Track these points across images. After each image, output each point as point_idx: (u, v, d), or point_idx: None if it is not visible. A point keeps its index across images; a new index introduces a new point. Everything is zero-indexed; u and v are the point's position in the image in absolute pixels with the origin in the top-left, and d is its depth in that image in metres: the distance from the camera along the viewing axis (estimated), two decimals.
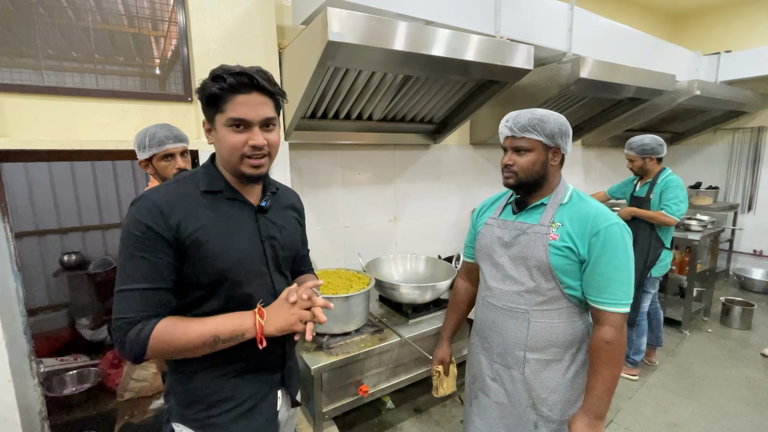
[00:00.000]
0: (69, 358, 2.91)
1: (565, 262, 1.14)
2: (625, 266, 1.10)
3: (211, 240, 0.90)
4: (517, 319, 1.22)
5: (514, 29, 2.46)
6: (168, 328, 0.86)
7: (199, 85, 0.90)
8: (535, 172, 1.20)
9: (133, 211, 0.88)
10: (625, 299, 1.11)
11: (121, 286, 0.86)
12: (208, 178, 0.95)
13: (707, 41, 4.73)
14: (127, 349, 0.85)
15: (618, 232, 1.11)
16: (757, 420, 2.34)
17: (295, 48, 1.98)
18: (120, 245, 0.88)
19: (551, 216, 1.18)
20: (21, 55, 1.68)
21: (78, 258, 3.57)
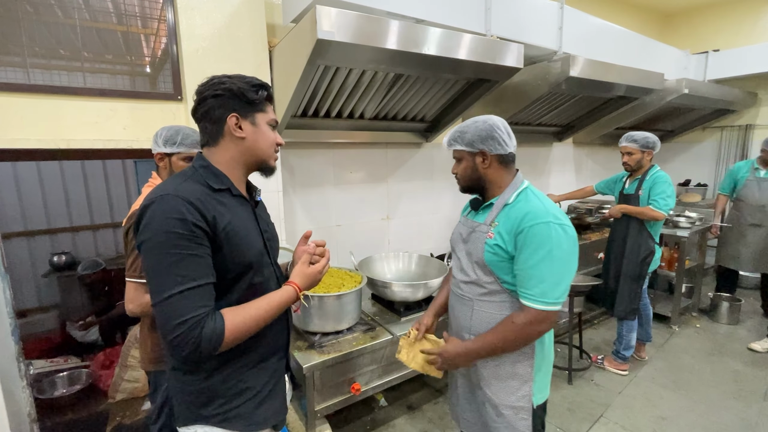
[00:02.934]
0: (59, 359, 2.88)
1: (496, 258, 1.21)
2: (545, 263, 1.11)
3: (237, 233, 0.95)
4: (464, 305, 1.33)
5: (505, 28, 2.47)
6: (233, 317, 0.89)
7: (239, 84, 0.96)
8: (470, 177, 1.30)
9: (164, 212, 0.85)
10: (542, 297, 1.12)
11: (176, 288, 0.84)
12: (213, 177, 0.97)
13: (696, 40, 4.78)
14: (204, 346, 0.85)
15: (543, 230, 1.12)
16: (744, 413, 2.38)
17: (285, 46, 1.98)
18: (154, 250, 0.85)
19: (494, 216, 1.25)
20: (6, 53, 1.66)
21: (68, 259, 3.53)
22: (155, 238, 0.84)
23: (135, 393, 2.53)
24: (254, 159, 1.03)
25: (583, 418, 2.34)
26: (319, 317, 1.96)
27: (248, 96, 0.97)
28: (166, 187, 0.91)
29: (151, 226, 0.85)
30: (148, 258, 0.86)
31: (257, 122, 1.01)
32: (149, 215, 0.86)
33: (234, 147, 1.00)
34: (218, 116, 0.97)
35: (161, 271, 0.84)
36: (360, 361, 2.01)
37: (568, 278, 1.16)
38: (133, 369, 2.51)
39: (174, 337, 0.83)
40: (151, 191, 0.92)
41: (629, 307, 2.68)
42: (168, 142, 1.49)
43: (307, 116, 2.36)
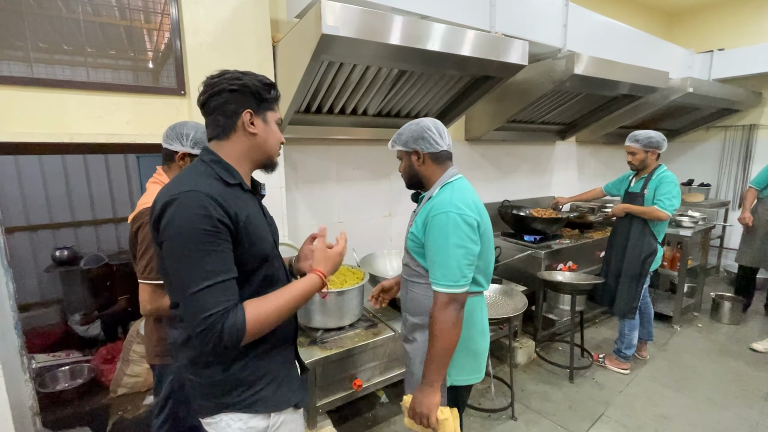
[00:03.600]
0: (61, 354, 2.89)
1: (414, 245, 1.36)
2: (442, 250, 1.22)
3: (255, 227, 0.97)
4: (404, 286, 1.48)
5: (509, 25, 2.46)
6: (254, 309, 0.91)
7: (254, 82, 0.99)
8: (409, 174, 1.43)
9: (189, 207, 0.86)
10: (443, 280, 1.22)
11: (203, 283, 0.85)
12: (226, 172, 0.98)
13: (700, 39, 4.76)
14: (227, 339, 0.86)
15: (442, 220, 1.23)
16: (745, 412, 2.38)
17: (289, 41, 1.97)
18: (180, 245, 0.86)
19: (420, 208, 1.38)
20: (9, 47, 1.65)
21: (70, 253, 3.55)
22: (181, 234, 0.85)
23: (136, 387, 2.54)
24: (262, 155, 1.05)
25: (584, 417, 2.34)
26: (322, 313, 1.96)
27: (263, 94, 1.01)
28: (185, 182, 0.91)
29: (175, 223, 0.86)
30: (172, 254, 0.87)
31: (268, 120, 1.04)
32: (173, 212, 0.86)
33: (245, 142, 1.01)
34: (233, 110, 0.98)
35: (187, 266, 0.86)
36: (362, 357, 2.01)
37: (466, 261, 1.22)
38: (135, 364, 2.52)
39: (201, 331, 0.85)
40: (169, 187, 0.92)
41: (629, 306, 2.68)
42: (198, 144, 1.47)
43: (310, 112, 2.36)
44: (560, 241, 3.18)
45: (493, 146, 3.59)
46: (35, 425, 1.85)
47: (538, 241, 3.13)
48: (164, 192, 0.91)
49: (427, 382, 1.25)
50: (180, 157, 1.47)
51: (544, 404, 2.45)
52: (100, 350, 2.85)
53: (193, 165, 1.00)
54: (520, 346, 2.87)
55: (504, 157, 3.71)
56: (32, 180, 3.66)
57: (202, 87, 1.01)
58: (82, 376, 2.66)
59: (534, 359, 2.94)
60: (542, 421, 2.30)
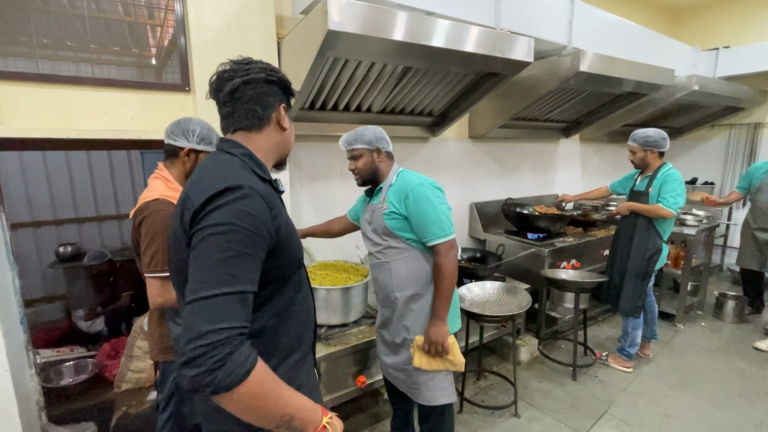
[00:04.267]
0: (66, 349, 2.90)
1: (395, 222, 1.56)
2: (431, 211, 1.50)
3: (291, 230, 0.91)
4: (383, 270, 1.63)
5: (515, 21, 2.45)
6: (265, 371, 0.74)
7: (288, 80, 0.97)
8: (369, 169, 1.62)
9: (244, 204, 0.77)
10: (440, 232, 1.50)
11: (223, 288, 0.72)
12: (260, 167, 0.91)
13: (706, 36, 4.73)
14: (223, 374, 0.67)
15: (420, 191, 1.51)
16: (748, 411, 2.37)
17: (294, 38, 1.97)
18: (219, 239, 0.74)
19: (384, 194, 1.61)
20: (15, 43, 1.65)
21: (74, 249, 3.55)
22: (220, 227, 0.74)
23: (140, 383, 2.55)
24: (284, 152, 1.02)
25: (587, 415, 2.34)
26: (326, 310, 1.96)
27: (292, 90, 1.00)
28: (232, 176, 0.81)
29: (218, 215, 0.75)
30: (201, 246, 0.75)
31: (291, 117, 1.03)
32: (219, 203, 0.76)
33: (275, 136, 0.97)
34: (270, 102, 0.94)
35: (213, 264, 0.73)
36: (366, 354, 2.01)
37: (449, 213, 1.55)
38: (139, 359, 2.53)
39: (199, 346, 0.67)
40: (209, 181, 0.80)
41: (633, 305, 2.67)
42: (205, 140, 1.48)
43: (315, 109, 2.35)
44: (564, 239, 3.17)
45: (496, 144, 3.58)
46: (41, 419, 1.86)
47: (542, 239, 3.12)
48: (203, 185, 0.79)
49: (439, 317, 1.53)
50: (185, 153, 1.47)
51: (547, 402, 2.45)
52: (104, 346, 2.86)
53: (223, 157, 0.89)
54: (524, 344, 2.87)
55: (508, 155, 3.70)
56: (36, 176, 3.67)
57: (227, 71, 0.90)
58: (87, 371, 2.67)
59: (537, 357, 2.94)
60: (545, 419, 2.30)
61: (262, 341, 0.85)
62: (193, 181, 0.86)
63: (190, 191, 0.82)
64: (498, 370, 2.72)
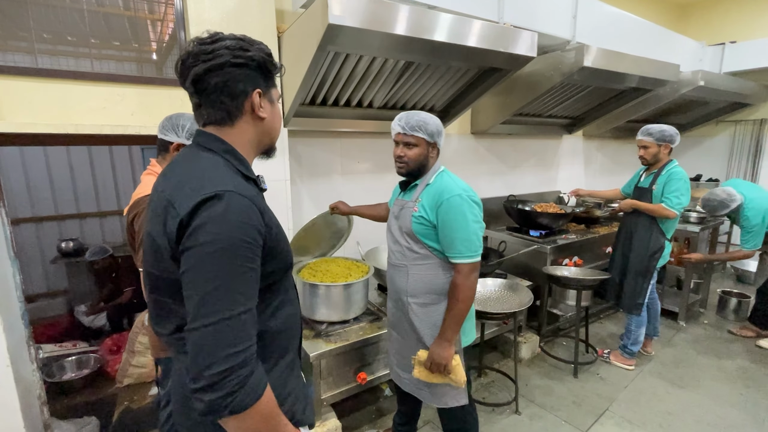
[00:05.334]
0: (68, 344, 2.92)
1: (422, 228, 1.47)
2: (462, 228, 1.39)
3: (280, 231, 0.84)
4: (401, 272, 1.56)
5: (518, 16, 2.42)
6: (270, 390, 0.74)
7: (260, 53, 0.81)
8: (420, 162, 1.51)
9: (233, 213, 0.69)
10: (467, 252, 1.41)
11: (237, 309, 0.68)
12: (242, 165, 0.82)
13: (712, 31, 4.67)
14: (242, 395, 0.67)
15: (456, 202, 1.39)
16: (751, 410, 2.36)
17: (295, 32, 1.95)
18: (217, 256, 0.67)
19: (418, 194, 1.51)
20: (14, 38, 1.64)
21: (76, 245, 3.56)
22: (218, 243, 0.67)
23: (142, 378, 2.56)
24: (267, 141, 0.90)
25: (588, 412, 2.33)
26: (327, 306, 1.96)
27: (269, 68, 0.83)
28: (220, 179, 0.73)
29: (211, 229, 0.68)
30: (202, 267, 0.68)
31: (273, 99, 0.87)
32: (209, 215, 0.68)
33: (252, 128, 0.84)
34: (240, 90, 0.79)
35: (218, 285, 0.67)
36: (366, 350, 2.01)
37: (481, 233, 1.45)
38: (141, 354, 2.54)
39: (222, 370, 0.65)
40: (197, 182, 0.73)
41: (634, 302, 2.65)
42: (190, 133, 1.46)
43: (315, 104, 2.34)
44: (566, 236, 3.16)
45: (499, 140, 3.55)
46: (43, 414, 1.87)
47: (544, 235, 3.10)
48: (188, 189, 0.71)
49: (446, 339, 1.44)
50: (174, 148, 1.48)
51: (548, 399, 2.45)
52: (106, 341, 2.87)
53: (203, 156, 0.80)
54: (525, 341, 2.86)
55: (510, 151, 3.68)
56: (38, 171, 3.68)
57: (189, 56, 0.77)
58: (89, 366, 2.68)
59: (538, 354, 2.94)
60: (546, 416, 2.30)
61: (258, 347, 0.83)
62: (175, 184, 0.76)
63: (173, 197, 0.73)
64: (499, 367, 2.72)
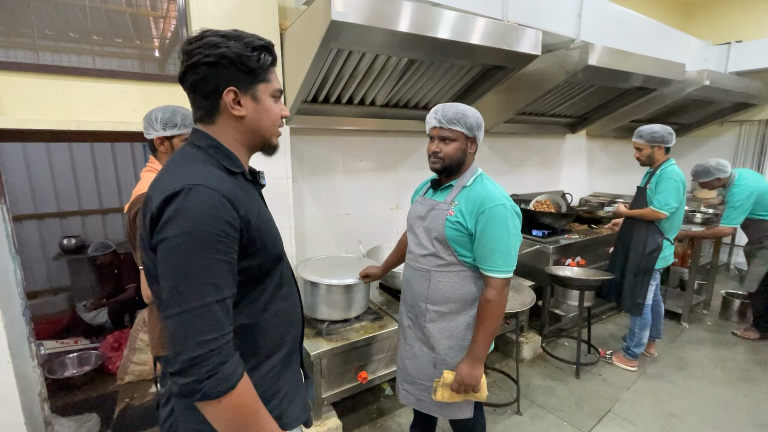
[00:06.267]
0: (69, 341, 2.92)
1: (456, 234, 1.35)
2: (504, 240, 1.30)
3: (266, 225, 0.85)
4: (422, 276, 1.46)
5: (522, 14, 2.40)
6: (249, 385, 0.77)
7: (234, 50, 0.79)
8: (458, 159, 1.39)
9: (197, 206, 0.72)
10: (504, 267, 1.32)
11: (207, 298, 0.71)
12: (227, 159, 0.84)
13: (717, 30, 4.63)
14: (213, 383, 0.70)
15: (501, 212, 1.30)
16: (755, 412, 2.34)
17: (297, 29, 1.94)
18: (183, 249, 0.70)
19: (454, 196, 1.39)
20: (16, 34, 1.63)
21: (78, 242, 3.56)
22: (186, 236, 0.70)
23: (143, 375, 2.56)
24: (256, 140, 0.89)
25: (590, 413, 2.32)
26: (328, 305, 1.95)
27: (249, 64, 0.80)
28: (189, 174, 0.76)
29: (180, 222, 0.71)
30: (170, 259, 0.71)
31: (259, 96, 0.84)
32: (176, 208, 0.71)
33: (233, 126, 0.84)
34: (212, 89, 0.80)
35: (187, 276, 0.70)
36: (367, 350, 2.00)
37: (518, 246, 1.37)
38: (142, 352, 2.54)
39: (193, 357, 0.69)
40: (167, 180, 0.76)
41: (634, 301, 2.63)
42: (168, 124, 1.44)
43: (318, 102, 2.32)
44: (569, 236, 3.14)
45: (501, 139, 3.53)
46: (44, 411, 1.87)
47: (547, 235, 3.09)
48: (162, 185, 0.75)
49: (478, 358, 1.35)
50: (159, 143, 1.46)
51: (550, 400, 2.43)
52: (108, 338, 2.87)
53: (188, 152, 0.83)
54: (527, 341, 2.85)
55: (513, 150, 3.66)
56: (40, 168, 3.67)
57: (184, 54, 0.80)
58: (90, 363, 2.68)
59: (540, 354, 2.92)
60: (548, 417, 2.29)
61: (242, 340, 0.83)
62: (155, 180, 0.80)
63: (151, 193, 0.77)
64: (501, 367, 2.70)
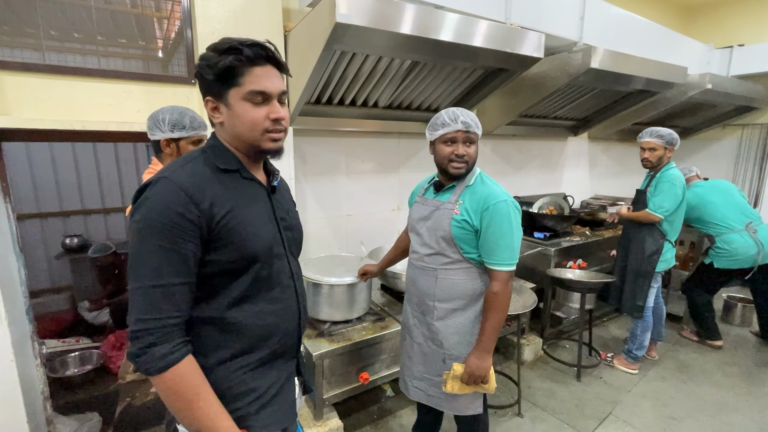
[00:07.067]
0: (71, 339, 2.93)
1: (462, 232, 1.41)
2: (508, 235, 1.36)
3: (242, 222, 0.86)
4: (428, 275, 1.51)
5: (525, 16, 2.41)
6: (190, 373, 0.80)
7: (204, 60, 0.84)
8: (475, 160, 1.46)
9: (154, 196, 0.79)
10: (509, 260, 1.38)
11: (144, 281, 0.77)
12: (221, 157, 0.89)
13: (720, 34, 4.63)
14: (142, 361, 0.77)
15: (504, 208, 1.36)
16: (756, 416, 2.34)
17: (301, 30, 1.94)
18: (137, 234, 0.78)
19: (458, 195, 1.45)
20: (22, 35, 1.64)
21: (80, 241, 3.57)
22: (140, 222, 0.78)
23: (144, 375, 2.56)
24: (243, 144, 0.90)
25: (591, 415, 2.32)
26: (329, 306, 1.95)
27: (214, 71, 0.83)
28: (167, 169, 0.85)
29: (140, 210, 0.79)
30: (131, 242, 0.80)
31: (230, 102, 0.86)
32: (142, 198, 0.80)
33: (221, 132, 0.91)
34: (204, 99, 0.90)
35: (137, 258, 0.78)
36: (369, 350, 2.00)
37: (520, 241, 1.42)
38: None
39: (132, 331, 0.77)
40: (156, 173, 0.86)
41: (634, 304, 2.63)
42: (176, 126, 1.42)
43: (321, 103, 2.33)
44: (570, 239, 3.14)
45: (504, 141, 3.54)
46: (46, 409, 1.88)
47: (548, 237, 3.09)
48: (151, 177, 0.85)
49: (486, 349, 1.41)
50: (165, 144, 1.44)
51: (551, 402, 2.43)
52: (109, 337, 2.87)
53: (191, 151, 0.93)
54: (528, 344, 2.85)
55: (515, 153, 3.66)
56: (43, 167, 3.69)
57: None
58: (92, 362, 2.69)
59: (541, 357, 2.92)
60: (549, 419, 2.28)
61: (208, 332, 0.87)
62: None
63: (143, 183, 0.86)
64: (501, 369, 2.70)
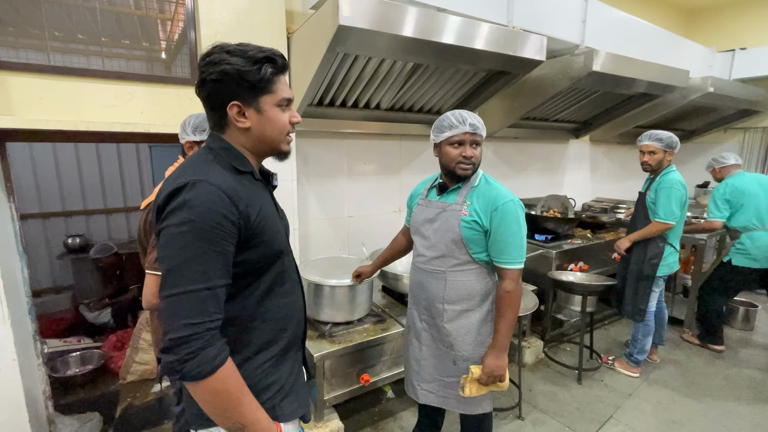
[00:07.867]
0: (72, 339, 2.93)
1: (472, 233, 1.41)
2: (517, 233, 1.39)
3: (268, 221, 0.90)
4: (436, 279, 1.50)
5: (527, 19, 2.41)
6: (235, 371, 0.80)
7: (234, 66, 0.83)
8: (480, 161, 1.47)
9: (196, 198, 0.77)
10: (519, 258, 1.40)
11: (194, 285, 0.76)
12: (237, 159, 0.90)
13: (722, 37, 4.63)
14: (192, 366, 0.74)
15: (511, 208, 1.39)
16: (758, 420, 2.33)
17: (304, 33, 1.95)
18: (180, 237, 0.76)
19: (464, 196, 1.45)
20: (26, 36, 1.66)
21: (82, 241, 3.59)
22: (182, 224, 0.76)
23: (145, 375, 2.57)
24: (264, 147, 0.94)
25: (592, 419, 2.31)
26: (331, 307, 1.96)
27: (249, 78, 0.84)
28: (195, 171, 0.82)
29: (180, 213, 0.77)
30: (168, 245, 0.78)
31: (263, 108, 0.88)
32: (180, 200, 0.78)
33: (240, 136, 0.90)
34: (219, 104, 0.87)
35: (181, 262, 0.76)
36: (370, 352, 2.00)
37: (526, 239, 1.44)
38: (144, 351, 2.55)
39: (177, 338, 0.74)
40: (176, 176, 0.83)
41: (636, 308, 2.62)
42: (198, 129, 1.49)
43: (323, 105, 2.34)
44: (572, 241, 3.14)
45: (505, 143, 3.54)
46: (47, 409, 1.88)
47: (550, 240, 3.09)
48: (171, 181, 0.82)
49: (502, 348, 1.42)
50: (188, 147, 1.51)
51: (552, 405, 2.43)
52: (110, 337, 2.88)
53: (199, 152, 0.90)
54: (528, 346, 2.85)
55: (516, 155, 3.66)
56: (45, 168, 3.71)
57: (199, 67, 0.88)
58: (93, 362, 2.69)
59: (542, 359, 2.92)
60: (549, 422, 2.28)
61: (234, 331, 0.88)
62: (168, 177, 0.88)
63: (163, 188, 0.83)
64: None
